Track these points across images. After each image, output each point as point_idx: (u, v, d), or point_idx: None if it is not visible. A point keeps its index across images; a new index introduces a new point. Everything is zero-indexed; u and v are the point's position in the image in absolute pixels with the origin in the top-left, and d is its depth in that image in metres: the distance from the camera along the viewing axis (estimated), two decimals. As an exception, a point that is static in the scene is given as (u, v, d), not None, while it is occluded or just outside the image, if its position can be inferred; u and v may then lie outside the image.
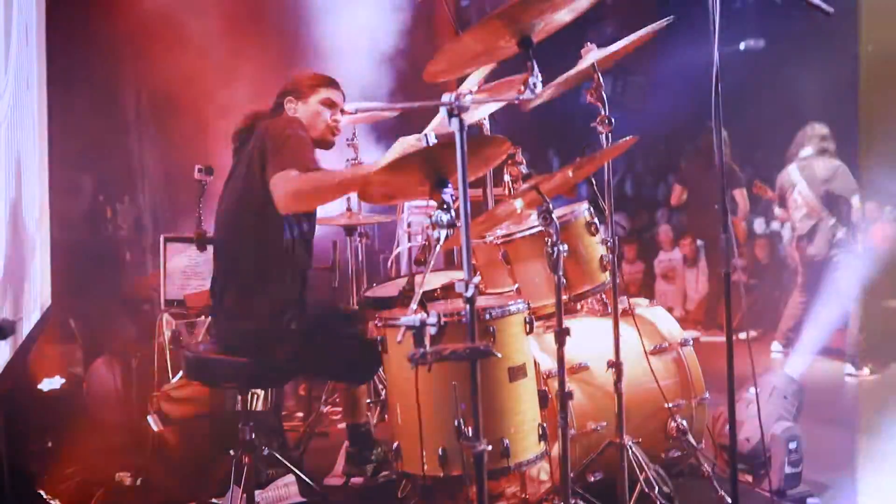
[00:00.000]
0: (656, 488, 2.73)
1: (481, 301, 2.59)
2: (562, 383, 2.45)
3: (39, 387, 4.35)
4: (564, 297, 2.59)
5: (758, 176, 7.15)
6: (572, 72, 2.83)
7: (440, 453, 2.35)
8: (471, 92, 2.94)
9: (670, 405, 3.01)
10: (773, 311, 6.66)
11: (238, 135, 3.03)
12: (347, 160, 4.24)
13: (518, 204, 2.73)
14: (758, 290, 7.11)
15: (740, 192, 6.73)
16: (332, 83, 3.02)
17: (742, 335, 5.48)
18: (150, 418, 3.60)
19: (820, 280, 5.98)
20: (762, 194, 6.32)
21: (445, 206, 2.11)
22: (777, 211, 6.22)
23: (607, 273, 2.94)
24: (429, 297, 2.90)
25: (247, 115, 3.05)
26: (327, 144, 3.04)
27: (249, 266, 2.85)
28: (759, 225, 8.83)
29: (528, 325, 2.52)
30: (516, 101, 2.34)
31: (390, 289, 3.43)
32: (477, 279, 1.91)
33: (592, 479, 2.85)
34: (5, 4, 3.46)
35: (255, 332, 2.84)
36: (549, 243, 2.44)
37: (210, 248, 3.67)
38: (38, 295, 4.23)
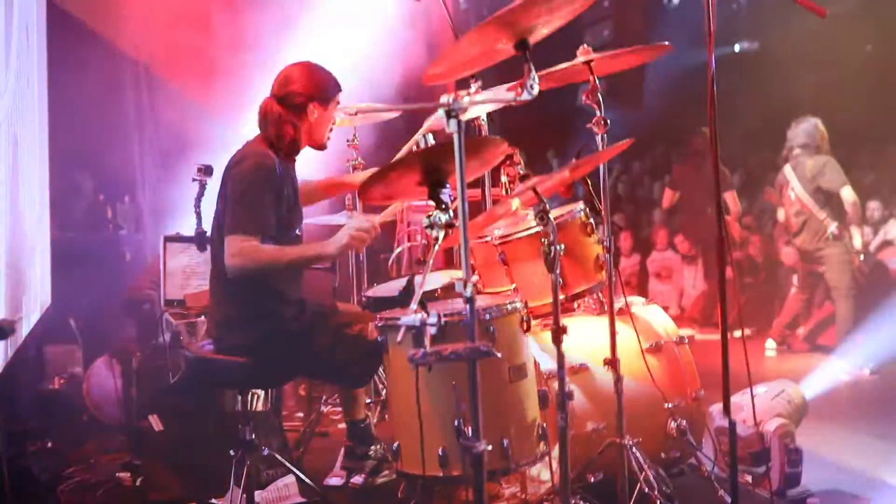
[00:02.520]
0: (656, 488, 2.74)
1: (480, 301, 2.60)
2: (562, 383, 2.46)
3: (39, 387, 4.36)
4: (561, 297, 2.60)
5: (751, 178, 7.20)
6: (558, 68, 2.86)
7: (440, 453, 2.36)
8: (468, 93, 2.95)
9: (670, 405, 3.02)
10: (768, 310, 6.69)
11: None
12: (348, 161, 4.26)
13: (514, 203, 2.75)
14: (752, 288, 7.15)
15: (731, 194, 6.81)
16: (340, 86, 3.08)
17: (737, 333, 5.50)
18: (150, 418, 3.62)
19: (818, 276, 6.01)
20: (774, 202, 6.36)
21: (444, 207, 2.12)
22: (780, 213, 6.25)
23: (603, 272, 2.96)
24: (429, 297, 2.92)
25: (266, 109, 2.96)
26: (324, 147, 3.09)
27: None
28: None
29: (525, 324, 2.53)
30: (513, 103, 2.35)
31: (390, 289, 3.45)
32: (475, 278, 1.92)
33: (593, 479, 2.86)
34: (6, 4, 3.48)
35: (255, 333, 2.86)
36: (545, 243, 2.45)
37: (210, 248, 3.68)
38: (38, 295, 4.25)
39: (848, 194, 5.57)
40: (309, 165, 3.31)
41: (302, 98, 2.94)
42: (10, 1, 3.62)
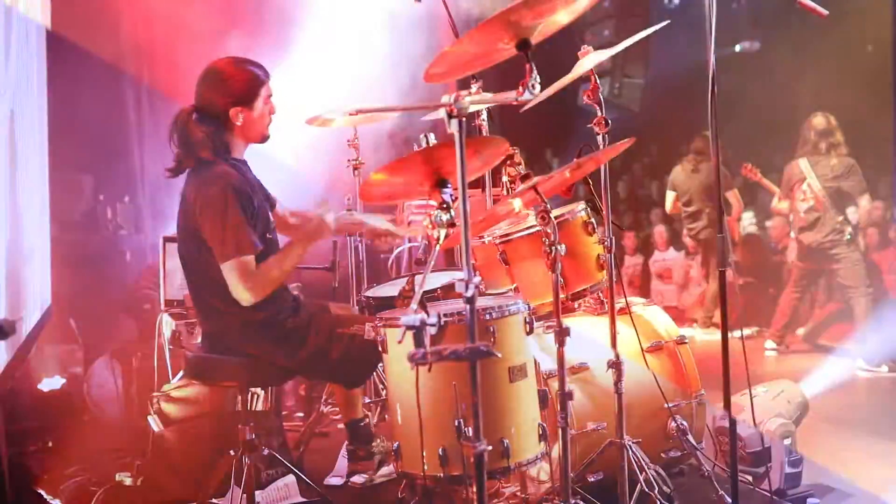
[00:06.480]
0: (656, 488, 2.74)
1: (481, 301, 2.60)
2: (562, 383, 2.46)
3: (39, 387, 4.36)
4: (562, 296, 2.60)
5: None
6: (567, 79, 2.85)
7: (440, 453, 2.36)
8: (469, 93, 2.95)
9: (670, 405, 3.02)
10: (767, 310, 6.69)
11: (178, 166, 2.89)
12: (349, 160, 4.26)
13: (516, 203, 2.75)
14: (751, 288, 7.15)
15: (733, 192, 6.82)
16: (266, 75, 2.92)
17: (737, 333, 5.48)
18: (150, 418, 3.61)
19: (816, 275, 6.01)
20: (751, 177, 6.34)
21: (445, 206, 2.12)
22: (775, 201, 6.23)
23: (604, 272, 2.95)
24: (429, 297, 2.92)
25: (176, 118, 2.87)
26: (265, 139, 2.98)
27: (216, 283, 2.80)
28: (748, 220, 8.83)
29: (528, 326, 2.53)
30: (515, 103, 2.35)
31: (390, 289, 3.44)
32: (478, 279, 1.92)
33: (592, 479, 2.86)
34: (6, 4, 3.48)
35: (251, 333, 2.86)
36: (546, 243, 2.45)
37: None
38: (38, 295, 4.24)
39: (866, 202, 5.73)
40: (310, 166, 3.31)
41: (223, 107, 2.84)
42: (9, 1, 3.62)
